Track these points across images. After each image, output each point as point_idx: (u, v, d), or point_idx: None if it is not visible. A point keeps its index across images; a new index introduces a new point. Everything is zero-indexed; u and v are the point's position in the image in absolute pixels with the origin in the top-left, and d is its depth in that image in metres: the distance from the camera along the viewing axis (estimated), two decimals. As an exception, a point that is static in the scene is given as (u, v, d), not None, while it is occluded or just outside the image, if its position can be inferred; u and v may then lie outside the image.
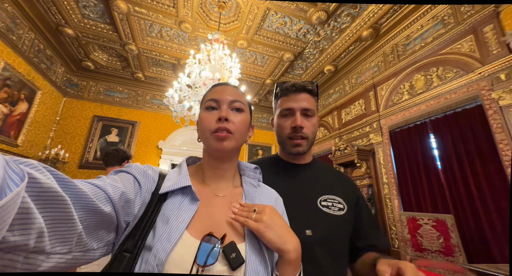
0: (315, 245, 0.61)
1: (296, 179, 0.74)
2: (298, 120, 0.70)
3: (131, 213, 0.41)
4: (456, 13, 2.44)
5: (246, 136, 0.55)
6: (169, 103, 2.47)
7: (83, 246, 0.32)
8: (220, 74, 2.34)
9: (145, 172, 0.46)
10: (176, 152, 5.02)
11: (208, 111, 0.52)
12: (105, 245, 0.37)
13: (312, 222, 0.64)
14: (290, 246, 0.43)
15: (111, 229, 0.38)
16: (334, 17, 3.10)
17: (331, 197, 0.69)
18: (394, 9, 2.86)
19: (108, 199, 0.35)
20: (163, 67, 4.73)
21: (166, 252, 0.37)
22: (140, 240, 0.39)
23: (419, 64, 2.80)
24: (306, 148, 0.73)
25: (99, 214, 0.33)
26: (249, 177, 0.59)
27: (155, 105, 5.31)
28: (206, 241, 0.40)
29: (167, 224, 0.41)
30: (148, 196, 0.44)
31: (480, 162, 2.15)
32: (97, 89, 4.94)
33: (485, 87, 2.12)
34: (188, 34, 3.59)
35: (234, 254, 0.40)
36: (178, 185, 0.46)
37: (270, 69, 4.39)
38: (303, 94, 0.73)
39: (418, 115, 2.76)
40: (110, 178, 0.40)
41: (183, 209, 0.44)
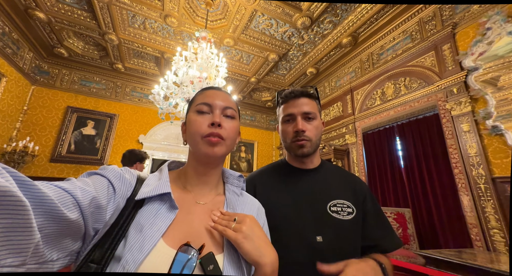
0: (326, 252, 0.61)
1: (305, 184, 0.73)
2: (299, 125, 0.71)
3: (101, 220, 0.37)
4: (422, 30, 2.73)
5: (235, 144, 0.55)
6: (155, 100, 2.46)
7: (40, 257, 0.28)
8: (207, 73, 2.38)
9: (121, 175, 0.44)
10: (158, 146, 4.94)
11: (200, 115, 0.50)
12: (68, 255, 0.33)
13: (322, 228, 0.64)
14: (267, 259, 0.42)
15: (77, 237, 0.34)
16: (317, 23, 3.27)
17: (340, 202, 0.69)
18: (370, 21, 3.10)
19: (76, 204, 0.32)
20: (145, 59, 4.57)
21: (136, 264, 0.34)
22: (110, 249, 0.36)
23: (390, 73, 3.09)
24: (311, 149, 0.73)
25: (64, 221, 0.30)
26: (232, 185, 0.57)
27: (136, 98, 5.13)
28: (183, 251, 0.38)
29: (140, 232, 0.38)
30: (122, 201, 0.42)
31: (434, 163, 2.49)
32: (70, 78, 4.64)
33: (441, 98, 2.44)
34: (174, 29, 3.53)
35: (211, 266, 0.39)
36: (157, 191, 0.44)
37: (255, 68, 4.47)
38: (302, 99, 0.75)
39: (387, 120, 3.06)
40: (81, 181, 0.37)
41: (159, 217, 0.42)
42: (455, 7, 2.42)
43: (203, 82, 2.36)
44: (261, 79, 4.81)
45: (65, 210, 0.30)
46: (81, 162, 4.33)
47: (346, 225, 0.65)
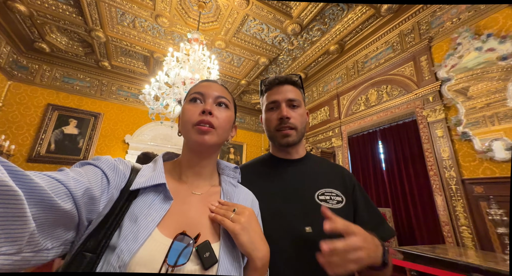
0: (316, 242, 0.57)
1: (292, 175, 0.71)
2: (284, 111, 0.68)
3: (95, 211, 0.37)
4: (402, 41, 2.94)
5: (228, 134, 0.54)
6: (145, 100, 2.44)
7: (35, 246, 0.28)
8: (199, 75, 2.40)
9: (115, 166, 0.43)
10: (145, 147, 4.83)
11: (192, 104, 0.51)
12: (62, 244, 0.33)
13: (311, 218, 0.62)
14: (259, 253, 0.43)
15: (71, 227, 0.34)
16: (307, 30, 3.40)
17: (328, 190, 0.67)
18: (356, 31, 3.27)
19: (69, 195, 0.32)
20: (134, 58, 4.48)
21: (130, 253, 0.34)
22: (105, 239, 0.36)
23: (373, 80, 3.28)
24: (296, 138, 0.71)
25: (57, 211, 0.30)
26: (228, 176, 0.58)
27: (122, 97, 4.99)
28: (179, 240, 0.39)
29: (135, 223, 0.39)
30: (116, 192, 0.41)
31: (412, 165, 2.68)
32: (52, 75, 4.44)
33: (419, 106, 2.64)
34: (164, 29, 3.50)
35: (207, 253, 0.40)
36: (152, 182, 0.44)
37: (245, 71, 4.53)
38: (287, 86, 0.73)
39: (370, 124, 3.24)
40: (74, 171, 0.37)
41: (154, 208, 0.42)
42: (431, 22, 2.64)
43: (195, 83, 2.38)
44: (251, 82, 4.88)
45: (59, 200, 0.30)
46: (62, 162, 4.14)
47: (336, 214, 0.64)
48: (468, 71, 2.22)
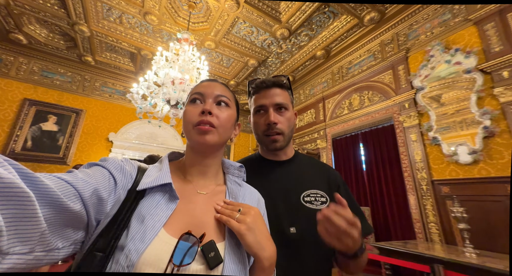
0: (299, 242, 0.61)
1: (278, 176, 0.73)
2: (271, 117, 0.70)
3: (103, 211, 0.38)
4: (383, 51, 3.13)
5: (230, 133, 0.54)
6: (133, 98, 2.41)
7: (46, 245, 0.29)
8: (189, 76, 2.42)
9: (122, 167, 0.44)
10: (130, 145, 4.72)
11: (192, 105, 0.51)
12: (72, 244, 0.34)
13: (296, 219, 0.64)
14: (266, 253, 0.43)
15: (80, 227, 0.35)
16: (295, 35, 3.51)
17: (313, 192, 0.68)
18: (341, 38, 3.44)
19: (77, 196, 0.33)
20: (120, 54, 4.36)
21: (138, 253, 0.35)
22: (113, 239, 0.37)
23: (356, 86, 3.46)
24: (284, 143, 0.72)
25: (67, 212, 0.31)
26: (233, 175, 0.58)
27: (106, 94, 4.83)
28: (184, 239, 0.39)
29: (142, 223, 0.39)
30: (123, 193, 0.42)
31: (389, 167, 2.87)
32: (29, 68, 4.20)
33: (396, 111, 2.84)
34: (153, 26, 3.46)
35: (212, 253, 0.40)
36: (158, 181, 0.45)
37: (234, 72, 4.57)
38: (274, 89, 0.73)
39: (353, 128, 3.41)
40: (82, 172, 0.38)
41: (160, 208, 0.43)
42: (408, 35, 2.84)
43: (185, 84, 2.39)
44: (240, 83, 4.92)
45: (68, 201, 0.31)
46: (39, 160, 3.95)
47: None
48: (439, 81, 2.43)
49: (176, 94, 2.35)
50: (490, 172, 2.00)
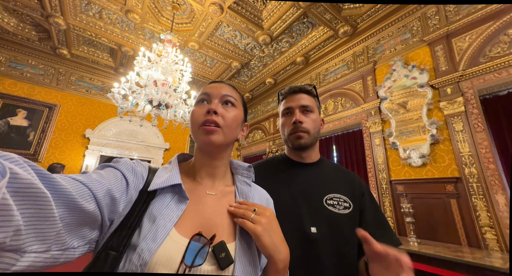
0: (319, 242, 0.62)
1: (303, 177, 0.74)
2: (297, 116, 0.73)
3: (116, 211, 0.39)
4: (355, 61, 3.42)
5: (236, 133, 0.54)
6: (114, 98, 2.42)
7: (62, 244, 0.30)
8: (172, 79, 2.48)
9: (133, 168, 0.45)
10: (108, 143, 4.61)
11: (199, 105, 0.52)
12: (87, 243, 0.35)
13: (318, 220, 0.65)
14: (281, 255, 0.43)
15: (95, 227, 0.36)
16: (276, 41, 3.68)
17: (337, 196, 0.69)
18: (319, 47, 3.68)
19: (92, 196, 0.34)
20: (98, 48, 4.23)
21: (150, 252, 0.36)
22: (126, 238, 0.38)
23: (331, 92, 3.73)
24: (308, 141, 0.74)
25: (82, 212, 0.32)
26: (242, 176, 0.57)
27: (83, 89, 4.66)
28: (195, 240, 0.40)
29: (153, 223, 0.40)
30: (135, 193, 0.43)
31: (357, 167, 3.18)
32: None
33: (364, 118, 3.14)
34: (135, 24, 3.42)
35: (223, 254, 0.40)
36: (168, 182, 0.45)
37: (218, 72, 4.65)
38: (301, 94, 0.78)
39: (327, 131, 3.69)
40: (96, 174, 0.39)
41: (171, 208, 0.43)
42: (376, 49, 3.15)
43: (167, 86, 2.46)
44: (223, 83, 5.00)
45: (83, 202, 0.32)
46: (7, 157, 3.73)
47: (342, 219, 0.66)
48: (399, 92, 2.75)
49: (159, 95, 2.41)
50: (434, 173, 2.34)
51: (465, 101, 2.19)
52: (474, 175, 2.04)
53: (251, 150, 5.58)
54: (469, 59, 2.22)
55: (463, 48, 2.28)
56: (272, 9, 3.06)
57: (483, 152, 2.02)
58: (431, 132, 2.39)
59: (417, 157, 2.47)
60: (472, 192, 2.03)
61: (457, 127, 2.20)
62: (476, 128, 2.09)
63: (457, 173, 2.17)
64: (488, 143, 2.00)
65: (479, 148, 2.04)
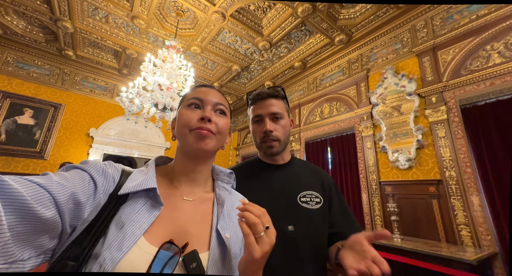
0: (297, 239, 0.66)
1: (277, 178, 0.78)
2: (267, 125, 0.76)
3: (80, 217, 0.36)
4: (350, 68, 3.60)
5: (225, 141, 0.54)
6: (121, 101, 2.58)
7: (9, 257, 0.26)
8: (177, 84, 2.64)
9: (104, 170, 0.42)
10: (111, 141, 4.76)
11: (190, 109, 0.50)
12: (41, 253, 0.31)
13: (294, 218, 0.69)
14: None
15: (53, 235, 0.32)
16: (276, 47, 3.84)
17: (309, 193, 0.74)
18: (316, 53, 3.84)
19: (52, 201, 0.30)
20: (103, 50, 4.37)
21: (113, 262, 0.33)
22: (88, 247, 0.35)
23: (327, 96, 3.91)
24: (280, 149, 0.78)
25: (38, 219, 0.28)
26: (222, 182, 0.57)
27: (87, 88, 4.80)
28: (165, 249, 0.37)
29: (121, 230, 0.37)
30: (104, 197, 0.40)
31: (349, 169, 3.37)
32: (3, 58, 4.06)
33: (357, 122, 3.32)
34: (140, 28, 3.57)
35: (194, 264, 0.38)
36: (142, 186, 0.43)
37: (219, 75, 4.81)
38: (269, 100, 0.79)
39: (323, 133, 3.87)
40: (58, 175, 0.35)
41: (142, 214, 0.40)
42: (369, 57, 3.32)
43: (172, 90, 2.62)
44: (223, 85, 5.17)
45: (40, 207, 0.28)
46: (14, 154, 3.89)
47: (315, 214, 0.71)
48: (390, 99, 2.93)
49: (164, 99, 2.57)
50: (419, 176, 2.53)
51: (448, 110, 2.37)
52: (453, 177, 2.23)
53: (249, 150, 5.76)
54: (452, 71, 2.40)
55: (447, 60, 2.46)
56: (271, 18, 3.22)
57: (462, 157, 2.20)
58: (417, 138, 2.58)
59: (404, 160, 2.66)
60: (451, 193, 2.22)
61: (440, 134, 2.39)
62: (456, 135, 2.27)
63: (439, 176, 2.35)
64: (466, 148, 2.19)
65: (459, 153, 2.23)
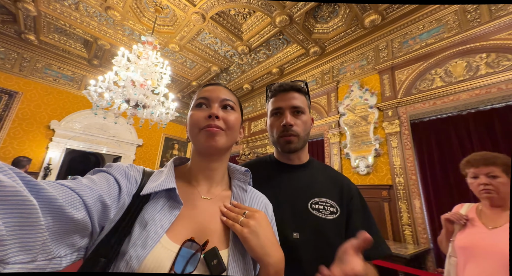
0: (301, 248, 0.60)
1: (290, 180, 0.72)
2: (287, 118, 0.70)
3: (107, 218, 0.38)
4: (322, 78, 3.85)
5: (237, 136, 0.54)
6: (89, 95, 2.46)
7: (48, 254, 0.29)
8: (151, 81, 2.59)
9: (126, 172, 0.45)
10: (76, 136, 4.44)
11: (198, 109, 0.51)
12: (75, 251, 0.34)
13: (301, 225, 0.63)
14: (270, 259, 0.42)
15: (85, 234, 0.35)
16: (255, 52, 3.95)
17: (323, 200, 0.67)
18: (292, 61, 4.04)
19: (82, 203, 0.33)
20: (71, 38, 4.07)
21: (139, 260, 0.36)
22: (116, 244, 0.37)
23: (301, 103, 4.12)
24: (298, 145, 0.72)
25: (70, 220, 0.31)
26: (238, 180, 0.57)
27: (50, 77, 4.42)
28: (187, 246, 0.39)
29: (144, 229, 0.39)
30: (128, 198, 0.42)
31: (317, 172, 3.59)
32: None
33: (326, 129, 3.57)
34: (114, 20, 3.41)
35: (215, 261, 0.39)
36: (162, 186, 0.45)
37: (197, 74, 4.77)
38: (292, 93, 0.73)
39: (295, 138, 4.06)
40: (87, 179, 0.38)
41: (163, 213, 0.42)
42: (339, 70, 3.60)
43: (145, 88, 2.57)
44: (202, 85, 5.13)
45: (72, 209, 0.30)
46: (-45, 146, 3.43)
47: (327, 224, 0.64)
48: (354, 110, 3.21)
49: (137, 96, 2.51)
50: (375, 181, 2.82)
51: (400, 124, 2.69)
52: (402, 183, 2.53)
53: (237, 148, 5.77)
54: (405, 89, 2.73)
55: (402, 79, 2.79)
56: (251, 24, 3.32)
57: (409, 165, 2.52)
58: (375, 147, 2.87)
59: (363, 166, 2.94)
60: (399, 197, 2.52)
61: (393, 144, 2.70)
62: (406, 146, 2.59)
63: (391, 181, 2.65)
64: (413, 158, 2.51)
65: (407, 162, 2.54)
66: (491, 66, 2.19)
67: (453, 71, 2.41)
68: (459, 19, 2.47)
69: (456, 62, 2.41)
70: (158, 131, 5.68)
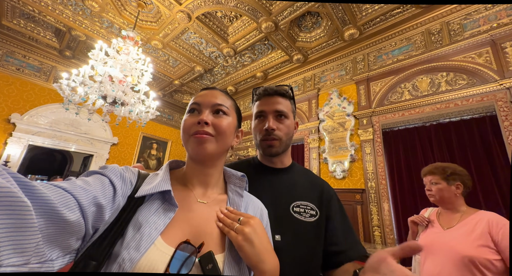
0: (283, 251, 0.61)
1: (272, 183, 0.73)
2: (270, 122, 0.71)
3: (101, 219, 0.38)
4: (305, 85, 4.00)
5: (230, 141, 0.53)
6: (61, 89, 2.28)
7: (41, 257, 0.28)
8: (131, 78, 2.48)
9: (122, 174, 0.44)
10: (40, 131, 4.07)
11: (190, 115, 0.51)
12: (67, 254, 0.33)
13: (283, 228, 0.64)
14: (266, 266, 0.42)
15: (78, 236, 0.34)
16: (240, 55, 3.98)
17: (304, 203, 0.69)
18: (276, 67, 4.14)
19: (76, 204, 0.32)
20: (40, 25, 3.74)
21: (132, 262, 0.35)
22: (108, 247, 0.36)
23: (283, 108, 4.23)
24: (280, 149, 0.73)
25: (64, 222, 0.30)
26: (235, 185, 0.56)
27: (12, 66, 4.01)
28: (182, 249, 0.38)
29: (138, 231, 0.39)
30: (123, 200, 0.42)
31: (296, 176, 3.71)
32: None
33: (307, 134, 3.70)
34: (92, 10, 3.22)
35: (210, 265, 0.38)
36: (157, 188, 0.44)
37: (180, 73, 4.66)
38: (276, 97, 0.75)
39: (276, 141, 4.15)
40: (81, 180, 0.37)
41: (158, 215, 0.42)
42: (321, 77, 3.78)
43: (125, 84, 2.45)
44: (184, 84, 5.03)
45: (66, 211, 0.30)
46: None
47: (307, 227, 0.66)
48: (333, 117, 3.39)
49: (115, 93, 2.38)
50: (350, 185, 2.99)
51: (373, 132, 2.90)
52: (373, 187, 2.72)
53: (206, 152, 5.70)
54: (378, 100, 2.95)
55: (376, 91, 3.01)
56: (237, 27, 3.35)
57: (380, 170, 2.72)
58: (350, 153, 3.05)
59: (340, 171, 3.10)
60: (370, 201, 2.70)
61: (367, 151, 2.89)
62: (377, 153, 2.80)
63: (364, 186, 2.84)
64: (384, 164, 2.72)
65: (378, 167, 2.75)
66: (450, 84, 2.47)
67: (419, 86, 2.68)
68: (425, 40, 2.76)
69: (422, 78, 2.68)
70: (136, 130, 5.42)
